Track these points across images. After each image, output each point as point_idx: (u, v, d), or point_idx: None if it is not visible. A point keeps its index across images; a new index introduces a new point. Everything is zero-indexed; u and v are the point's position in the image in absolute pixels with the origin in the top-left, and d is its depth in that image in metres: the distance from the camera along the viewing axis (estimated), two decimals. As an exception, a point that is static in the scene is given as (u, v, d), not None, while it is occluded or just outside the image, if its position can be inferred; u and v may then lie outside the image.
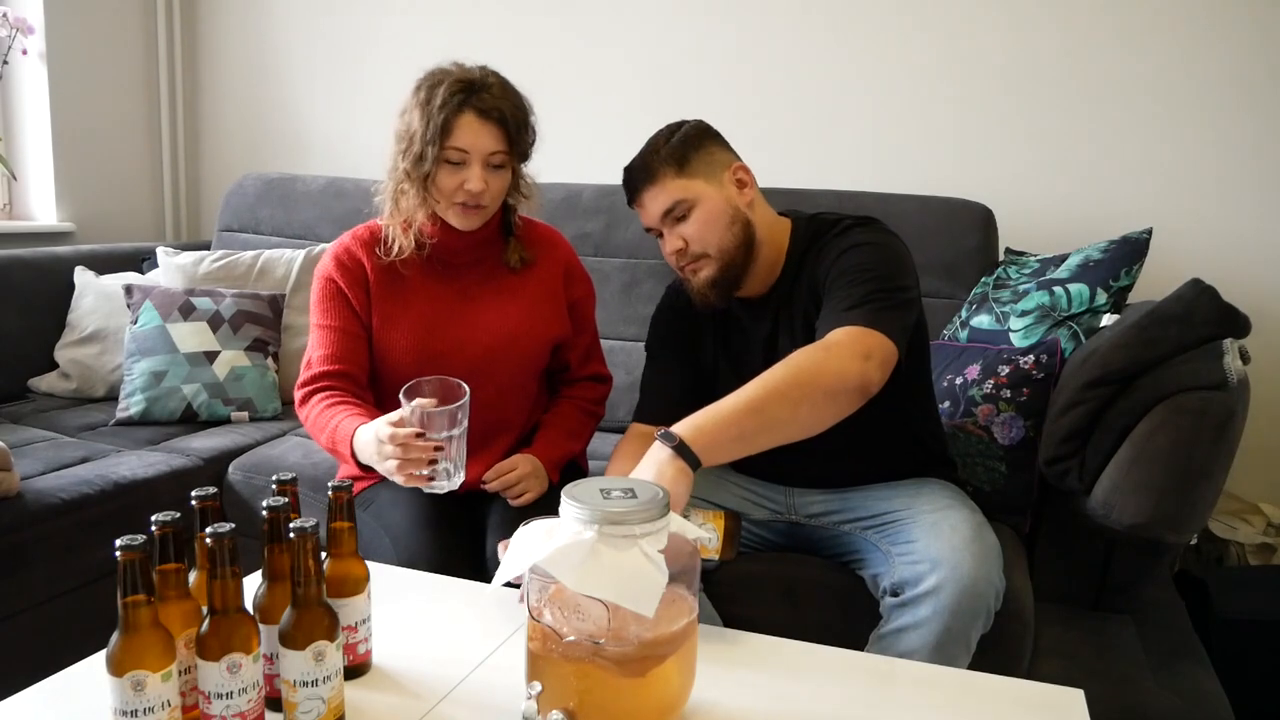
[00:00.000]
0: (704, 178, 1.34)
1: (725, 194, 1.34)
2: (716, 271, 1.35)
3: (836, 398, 1.13)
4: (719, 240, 1.33)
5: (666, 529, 0.85)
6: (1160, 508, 1.28)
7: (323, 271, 1.45)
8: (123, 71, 2.85)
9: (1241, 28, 2.02)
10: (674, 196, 1.33)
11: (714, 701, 0.93)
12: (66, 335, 2.29)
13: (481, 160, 1.34)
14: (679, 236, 1.34)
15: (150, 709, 0.75)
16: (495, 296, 1.48)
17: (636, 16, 2.49)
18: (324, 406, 1.37)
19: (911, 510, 1.32)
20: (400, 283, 1.44)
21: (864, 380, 1.14)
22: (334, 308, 1.43)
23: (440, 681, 0.97)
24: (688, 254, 1.35)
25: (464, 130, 1.32)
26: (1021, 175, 2.22)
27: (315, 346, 1.43)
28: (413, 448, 1.17)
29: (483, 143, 1.33)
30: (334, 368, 1.41)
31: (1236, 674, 1.54)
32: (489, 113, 1.33)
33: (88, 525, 1.66)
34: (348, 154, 2.84)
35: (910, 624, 1.19)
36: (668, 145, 1.35)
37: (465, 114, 1.32)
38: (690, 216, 1.33)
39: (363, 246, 1.45)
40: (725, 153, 1.38)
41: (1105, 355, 1.41)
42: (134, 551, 0.73)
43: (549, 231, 1.59)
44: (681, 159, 1.33)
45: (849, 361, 1.14)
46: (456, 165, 1.34)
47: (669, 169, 1.33)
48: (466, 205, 1.36)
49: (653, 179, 1.34)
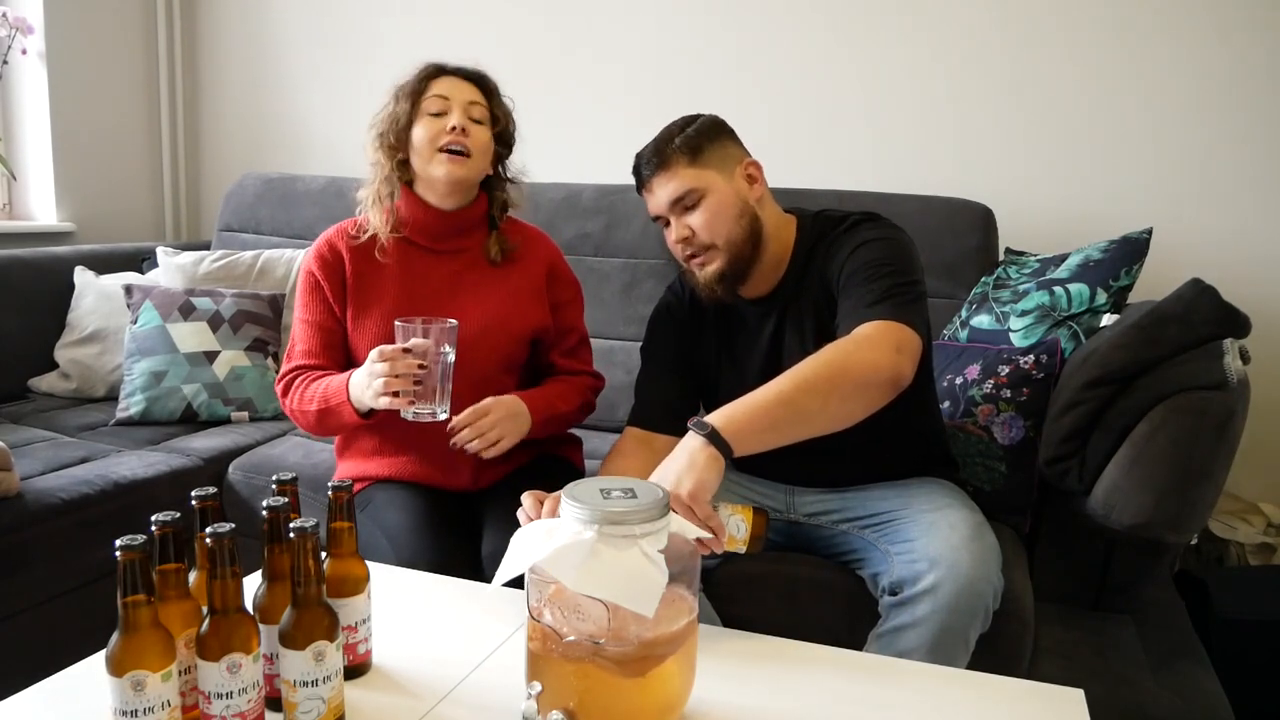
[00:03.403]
0: (716, 169, 1.34)
1: (735, 187, 1.35)
2: (724, 264, 1.35)
3: (868, 390, 1.14)
4: (727, 232, 1.33)
5: (666, 529, 0.85)
6: (1160, 508, 1.28)
7: (305, 264, 1.48)
8: (123, 71, 2.85)
9: (1242, 27, 2.02)
10: (685, 185, 1.33)
11: (714, 701, 0.93)
12: (66, 335, 2.29)
13: (462, 108, 1.41)
14: (686, 225, 1.35)
15: (150, 709, 0.75)
16: (473, 289, 1.49)
17: (637, 17, 2.49)
18: (306, 383, 1.42)
19: (910, 509, 1.32)
20: (377, 272, 1.46)
21: (896, 372, 1.14)
22: (312, 302, 1.47)
23: (440, 681, 0.97)
24: (694, 243, 1.35)
25: (442, 84, 1.42)
26: (1021, 175, 2.22)
27: (295, 340, 1.48)
28: (399, 363, 1.23)
29: (462, 92, 1.42)
30: (311, 361, 1.45)
31: (1236, 674, 1.54)
32: (463, 73, 1.45)
33: (88, 525, 1.66)
34: (348, 154, 2.84)
35: (908, 623, 1.19)
36: (682, 135, 1.35)
37: (442, 76, 1.43)
38: (699, 206, 1.33)
39: (344, 237, 1.48)
40: (738, 147, 1.38)
41: (1105, 355, 1.41)
42: (134, 551, 0.73)
43: (536, 232, 1.59)
44: (695, 149, 1.34)
45: (881, 354, 1.15)
46: (436, 116, 1.40)
47: (681, 157, 1.34)
48: (451, 151, 1.39)
49: (664, 166, 1.34)
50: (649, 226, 2.20)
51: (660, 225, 1.41)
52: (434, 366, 1.26)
